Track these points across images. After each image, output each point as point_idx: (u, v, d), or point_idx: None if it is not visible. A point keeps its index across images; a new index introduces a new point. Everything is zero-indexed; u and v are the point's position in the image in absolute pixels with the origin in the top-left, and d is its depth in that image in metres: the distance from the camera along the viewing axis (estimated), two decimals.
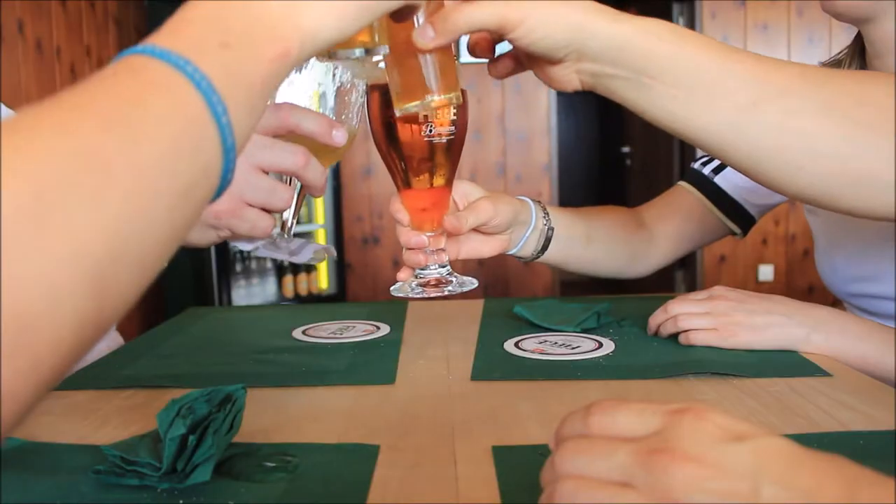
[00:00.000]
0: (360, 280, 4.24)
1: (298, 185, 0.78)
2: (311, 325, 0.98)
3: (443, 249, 0.78)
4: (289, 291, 3.81)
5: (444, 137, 0.71)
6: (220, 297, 3.36)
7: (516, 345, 0.86)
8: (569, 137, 6.06)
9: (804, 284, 4.20)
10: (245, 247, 0.80)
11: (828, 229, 1.02)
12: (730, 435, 0.34)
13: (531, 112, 4.19)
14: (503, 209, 0.82)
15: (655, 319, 0.87)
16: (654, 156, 4.82)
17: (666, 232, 1.07)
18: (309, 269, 3.86)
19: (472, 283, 0.78)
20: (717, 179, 1.08)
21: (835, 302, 1.01)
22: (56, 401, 0.71)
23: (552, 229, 0.90)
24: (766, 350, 0.79)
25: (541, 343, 0.85)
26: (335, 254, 0.89)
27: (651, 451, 0.33)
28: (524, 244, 0.88)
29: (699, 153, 0.99)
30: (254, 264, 3.71)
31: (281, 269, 3.80)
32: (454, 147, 0.73)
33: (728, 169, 1.07)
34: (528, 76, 0.68)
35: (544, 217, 0.90)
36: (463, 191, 0.83)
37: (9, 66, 2.55)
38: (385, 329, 0.96)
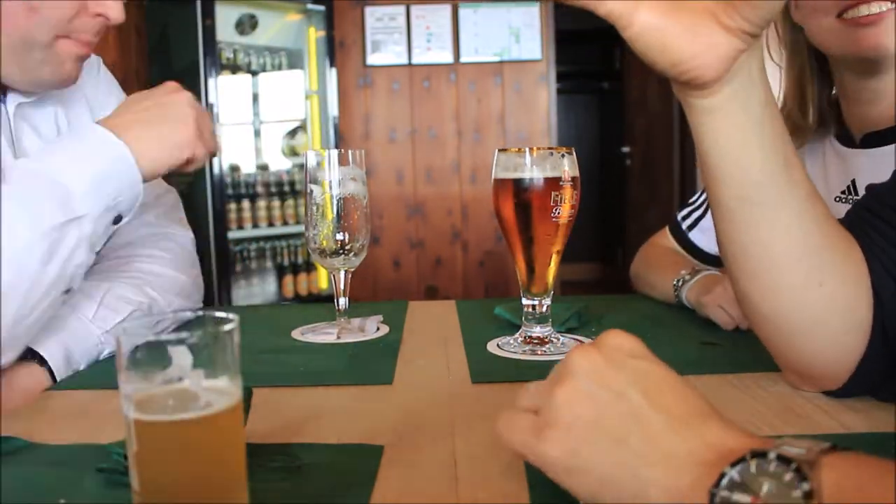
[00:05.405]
0: (360, 280, 4.24)
1: (342, 272, 0.94)
2: (311, 326, 0.99)
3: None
4: (289, 291, 3.81)
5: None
6: (220, 297, 3.36)
7: (499, 346, 0.86)
8: (569, 137, 6.05)
9: None
10: (328, 338, 0.91)
11: None
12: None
13: (531, 112, 4.18)
14: None
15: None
16: (654, 156, 4.82)
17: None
18: (309, 269, 3.86)
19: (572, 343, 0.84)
20: (691, 235, 1.18)
21: None
22: (56, 401, 0.71)
23: None
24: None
25: (527, 345, 0.84)
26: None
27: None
28: None
29: (697, 192, 1.05)
30: (254, 264, 3.71)
31: (281, 269, 3.80)
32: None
33: (700, 225, 1.17)
34: (527, 77, 0.67)
35: None
36: None
37: None
38: (384, 329, 0.96)
